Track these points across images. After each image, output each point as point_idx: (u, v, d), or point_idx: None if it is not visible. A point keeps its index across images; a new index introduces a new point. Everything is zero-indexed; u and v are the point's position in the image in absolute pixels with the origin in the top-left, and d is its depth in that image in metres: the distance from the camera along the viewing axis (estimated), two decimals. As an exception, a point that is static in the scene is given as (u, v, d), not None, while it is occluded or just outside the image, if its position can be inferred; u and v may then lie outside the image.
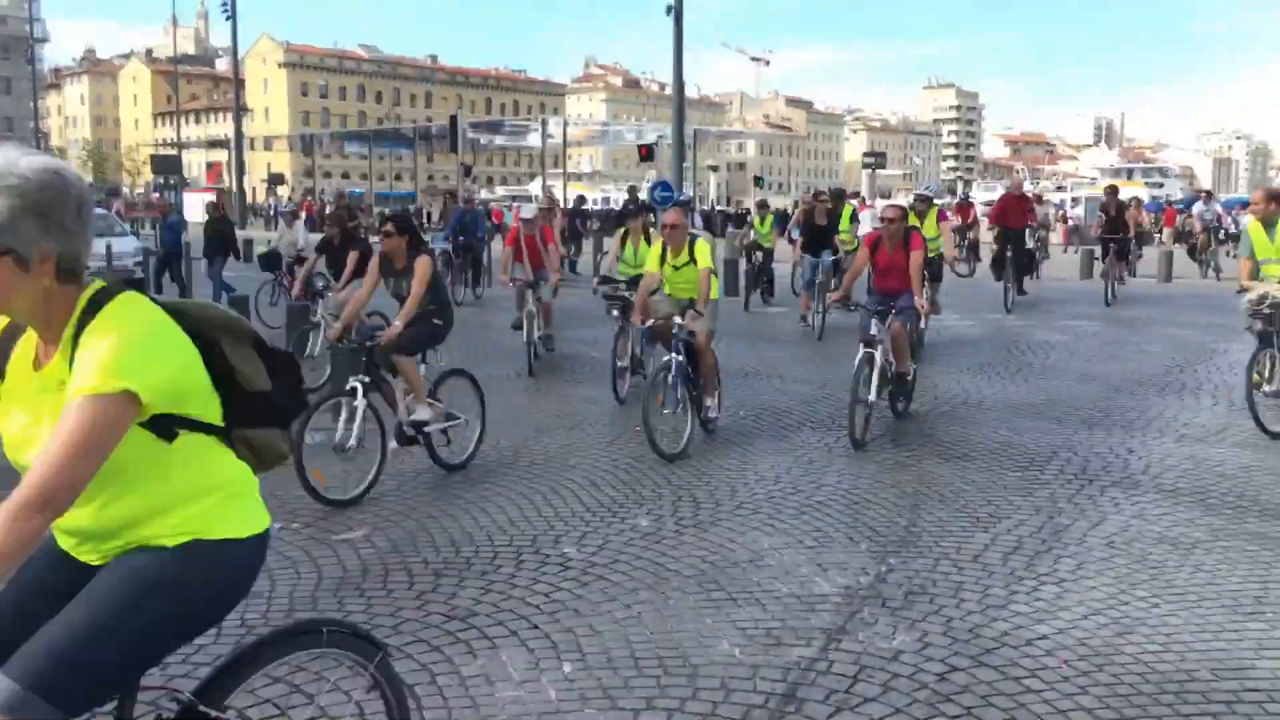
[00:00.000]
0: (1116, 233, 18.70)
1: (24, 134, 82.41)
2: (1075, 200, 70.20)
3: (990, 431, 8.58)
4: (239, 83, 51.44)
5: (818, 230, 15.46)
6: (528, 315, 11.63)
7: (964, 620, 4.79)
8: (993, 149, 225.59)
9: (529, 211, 13.44)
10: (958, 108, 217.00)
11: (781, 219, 29.70)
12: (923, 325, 12.00)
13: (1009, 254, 17.34)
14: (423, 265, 7.35)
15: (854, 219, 18.03)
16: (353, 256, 11.04)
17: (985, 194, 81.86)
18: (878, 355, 8.24)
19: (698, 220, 26.63)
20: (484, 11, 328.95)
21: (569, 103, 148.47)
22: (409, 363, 7.28)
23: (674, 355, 7.97)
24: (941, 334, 14.07)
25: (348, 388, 6.93)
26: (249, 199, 53.17)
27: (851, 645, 4.53)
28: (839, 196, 18.72)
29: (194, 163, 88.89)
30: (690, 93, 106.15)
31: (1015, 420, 8.99)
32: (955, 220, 21.31)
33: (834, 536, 5.96)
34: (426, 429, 7.27)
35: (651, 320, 8.51)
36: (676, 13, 23.25)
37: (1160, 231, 38.26)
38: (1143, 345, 13.30)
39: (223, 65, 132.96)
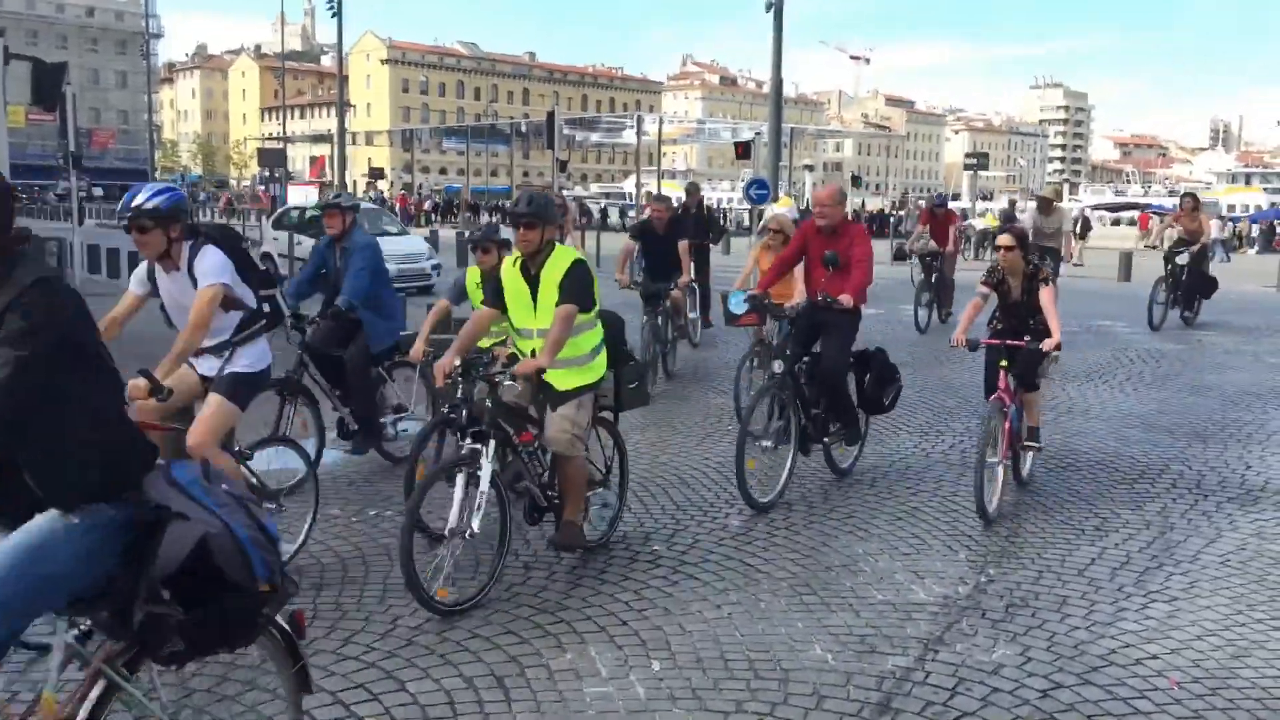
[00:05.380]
0: None
1: (139, 126, 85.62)
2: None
3: (1097, 441, 8.28)
4: (343, 79, 52.63)
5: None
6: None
7: (1069, 636, 4.60)
8: (1102, 151, 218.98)
9: None
10: (1065, 108, 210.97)
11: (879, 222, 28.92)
12: None
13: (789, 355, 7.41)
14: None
15: None
16: None
17: (1093, 198, 79.64)
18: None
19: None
20: (582, 9, 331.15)
21: (665, 100, 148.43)
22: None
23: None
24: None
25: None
26: (350, 192, 54.37)
27: (949, 656, 4.39)
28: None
29: (298, 156, 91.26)
30: (787, 91, 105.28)
31: (1124, 431, 8.66)
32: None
33: (931, 544, 5.80)
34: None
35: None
36: (776, 9, 23.03)
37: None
38: (1260, 356, 12.72)
39: (327, 61, 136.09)
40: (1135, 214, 53.71)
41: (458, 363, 5.07)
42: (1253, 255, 41.54)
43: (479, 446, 4.88)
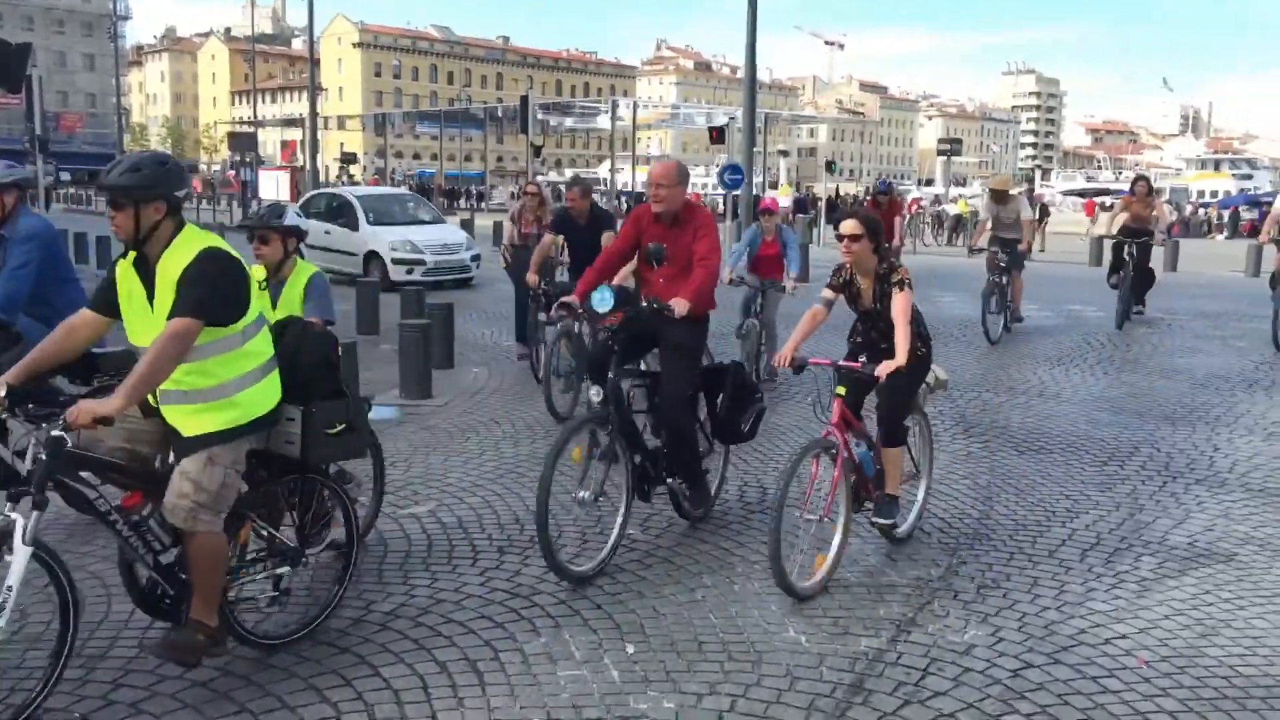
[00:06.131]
0: None
1: (107, 110, 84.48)
2: (1158, 191, 68.55)
3: (1068, 424, 8.35)
4: (314, 62, 52.20)
5: None
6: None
7: (1039, 616, 4.64)
8: (1074, 137, 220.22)
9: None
10: (1038, 94, 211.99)
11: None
12: None
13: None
14: None
15: None
16: None
17: (1064, 184, 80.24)
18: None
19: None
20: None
21: (639, 85, 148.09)
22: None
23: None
24: (1018, 325, 13.69)
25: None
26: (322, 177, 53.90)
27: (921, 637, 4.42)
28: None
29: (269, 141, 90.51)
30: (762, 76, 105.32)
31: (1094, 414, 8.73)
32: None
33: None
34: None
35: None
36: (751, -7, 22.94)
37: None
38: (1228, 340, 12.86)
39: (299, 45, 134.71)
40: (1108, 200, 54.06)
41: (3, 392, 3.48)
42: (1222, 240, 41.96)
43: (14, 517, 3.42)
